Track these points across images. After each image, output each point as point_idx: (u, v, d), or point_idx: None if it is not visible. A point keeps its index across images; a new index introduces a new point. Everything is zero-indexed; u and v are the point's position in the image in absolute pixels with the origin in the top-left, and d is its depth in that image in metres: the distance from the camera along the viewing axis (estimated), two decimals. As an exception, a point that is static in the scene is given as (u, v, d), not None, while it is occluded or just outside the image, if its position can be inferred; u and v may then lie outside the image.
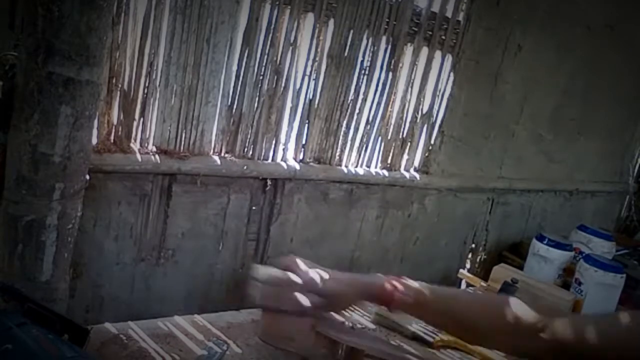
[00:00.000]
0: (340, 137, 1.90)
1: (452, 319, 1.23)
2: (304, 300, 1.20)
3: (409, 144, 2.09)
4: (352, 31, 1.78)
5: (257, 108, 1.68)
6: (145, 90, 1.49)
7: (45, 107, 1.14)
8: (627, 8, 2.62)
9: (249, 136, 1.70)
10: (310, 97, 1.78)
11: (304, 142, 1.83)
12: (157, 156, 1.53)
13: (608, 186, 3.08)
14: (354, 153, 1.96)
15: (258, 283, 1.22)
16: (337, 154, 1.91)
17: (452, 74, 2.10)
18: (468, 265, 2.51)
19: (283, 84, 1.71)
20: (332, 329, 1.25)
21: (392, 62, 1.92)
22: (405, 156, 2.10)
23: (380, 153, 2.03)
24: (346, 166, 1.95)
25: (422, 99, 2.06)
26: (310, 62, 1.74)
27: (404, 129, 2.06)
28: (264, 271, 1.26)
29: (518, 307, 1.20)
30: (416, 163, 2.15)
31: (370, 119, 1.95)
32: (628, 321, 1.09)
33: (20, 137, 1.16)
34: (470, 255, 2.51)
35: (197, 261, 1.70)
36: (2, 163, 1.20)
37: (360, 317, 1.65)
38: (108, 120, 1.46)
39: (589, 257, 2.17)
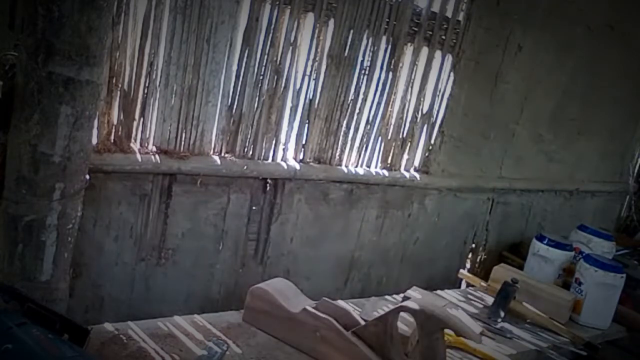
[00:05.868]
0: (340, 137, 1.90)
1: None
2: None
3: (409, 144, 2.09)
4: (352, 31, 1.78)
5: (257, 108, 1.68)
6: (145, 90, 1.49)
7: (45, 107, 1.14)
8: (627, 8, 2.62)
9: (249, 136, 1.70)
10: (310, 97, 1.78)
11: (304, 142, 1.83)
12: (157, 156, 1.53)
13: (608, 186, 3.08)
14: (354, 153, 1.96)
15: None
16: (337, 154, 1.91)
17: (452, 74, 2.10)
18: (468, 265, 2.51)
19: (283, 84, 1.71)
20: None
21: (392, 62, 1.92)
22: (405, 156, 2.10)
23: (380, 153, 2.03)
24: (346, 166, 1.95)
25: (422, 99, 2.06)
26: (310, 62, 1.74)
27: (404, 129, 2.06)
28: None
29: None
30: (416, 163, 2.15)
31: (370, 119, 1.95)
32: None
33: (20, 137, 1.16)
34: (470, 255, 2.51)
35: (197, 261, 1.70)
36: (2, 163, 1.20)
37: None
38: (108, 120, 1.46)
39: (589, 257, 2.17)
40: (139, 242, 1.58)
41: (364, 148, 1.98)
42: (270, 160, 1.76)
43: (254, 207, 1.77)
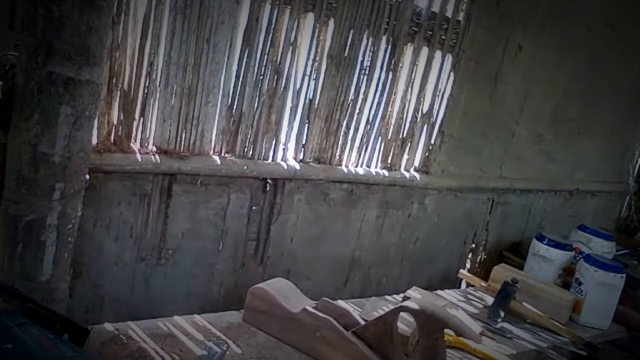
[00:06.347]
0: (340, 137, 1.90)
1: None
2: None
3: (409, 144, 2.09)
4: (352, 31, 1.78)
5: (257, 108, 1.68)
6: (145, 90, 1.49)
7: (45, 107, 1.14)
8: (627, 8, 2.62)
9: (249, 136, 1.70)
10: (310, 97, 1.78)
11: (304, 142, 1.83)
12: (157, 156, 1.53)
13: (608, 186, 3.08)
14: (354, 153, 1.96)
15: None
16: (337, 154, 1.91)
17: (452, 74, 2.10)
18: (468, 265, 2.51)
19: (283, 84, 1.71)
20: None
21: (392, 62, 1.91)
22: (405, 156, 2.10)
23: (380, 153, 2.03)
24: (346, 166, 1.95)
25: (422, 99, 2.06)
26: (310, 62, 1.74)
27: (404, 129, 2.06)
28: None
29: None
30: (416, 163, 2.15)
31: (370, 119, 1.95)
32: None
33: (20, 137, 1.16)
34: (470, 255, 2.51)
35: (197, 261, 1.70)
36: (2, 163, 1.20)
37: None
38: (108, 120, 1.46)
39: (589, 257, 2.17)
40: (139, 242, 1.58)
41: (364, 148, 1.98)
42: (270, 160, 1.76)
43: (254, 207, 1.77)
